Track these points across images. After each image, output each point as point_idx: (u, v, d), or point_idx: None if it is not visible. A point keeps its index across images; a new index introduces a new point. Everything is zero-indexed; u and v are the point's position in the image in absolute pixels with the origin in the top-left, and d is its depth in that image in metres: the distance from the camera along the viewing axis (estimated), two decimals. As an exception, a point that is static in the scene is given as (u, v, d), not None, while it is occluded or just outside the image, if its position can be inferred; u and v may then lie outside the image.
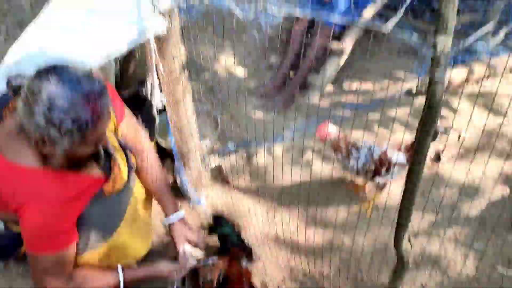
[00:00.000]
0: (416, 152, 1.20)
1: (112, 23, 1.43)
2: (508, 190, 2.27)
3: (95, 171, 1.54)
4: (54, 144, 1.28)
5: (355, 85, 3.13)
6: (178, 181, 2.23)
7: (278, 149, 2.54)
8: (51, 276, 1.51)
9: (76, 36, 1.49)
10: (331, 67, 3.01)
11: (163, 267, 1.83)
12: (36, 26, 1.62)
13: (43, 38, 1.60)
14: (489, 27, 2.90)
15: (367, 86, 3.10)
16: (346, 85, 3.15)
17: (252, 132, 2.62)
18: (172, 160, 2.26)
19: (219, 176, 2.44)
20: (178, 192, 2.23)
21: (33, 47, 1.61)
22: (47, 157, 1.39)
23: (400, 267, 1.56)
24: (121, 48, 1.45)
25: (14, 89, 1.34)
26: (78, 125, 1.25)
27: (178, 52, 1.65)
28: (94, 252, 1.61)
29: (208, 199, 2.31)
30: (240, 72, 3.20)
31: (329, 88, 3.11)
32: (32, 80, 1.25)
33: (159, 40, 1.56)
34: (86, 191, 1.50)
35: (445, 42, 0.95)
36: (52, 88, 1.22)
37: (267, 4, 1.23)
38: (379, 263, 1.99)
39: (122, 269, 1.70)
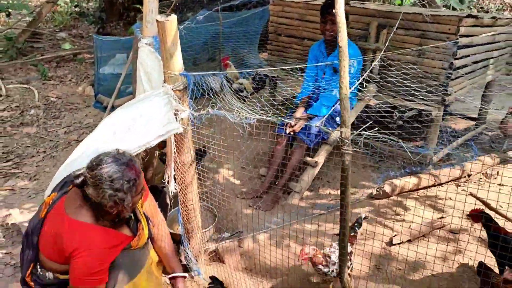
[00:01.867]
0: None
1: (148, 125, 2.19)
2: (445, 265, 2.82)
3: (127, 231, 2.16)
4: (123, 201, 1.93)
5: (328, 191, 3.83)
6: (182, 259, 2.79)
7: (262, 237, 3.13)
8: None
9: (122, 135, 2.23)
10: (308, 177, 3.73)
11: None
12: (92, 134, 2.38)
13: (97, 140, 2.34)
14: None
15: (338, 192, 3.80)
16: (321, 191, 3.85)
17: (242, 224, 3.24)
18: (178, 246, 2.85)
19: (216, 257, 3.00)
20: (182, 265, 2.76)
21: (89, 147, 2.33)
22: (98, 217, 2.02)
23: None
24: (152, 142, 2.19)
25: (79, 185, 2.00)
26: (131, 183, 1.93)
27: (190, 148, 2.38)
28: (119, 289, 2.12)
29: (206, 273, 2.84)
30: (236, 180, 3.95)
31: (307, 193, 3.80)
32: (91, 170, 1.93)
33: (179, 136, 2.31)
34: (120, 243, 2.10)
35: (345, 131, 1.68)
36: (106, 169, 1.92)
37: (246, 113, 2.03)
38: None
39: None
